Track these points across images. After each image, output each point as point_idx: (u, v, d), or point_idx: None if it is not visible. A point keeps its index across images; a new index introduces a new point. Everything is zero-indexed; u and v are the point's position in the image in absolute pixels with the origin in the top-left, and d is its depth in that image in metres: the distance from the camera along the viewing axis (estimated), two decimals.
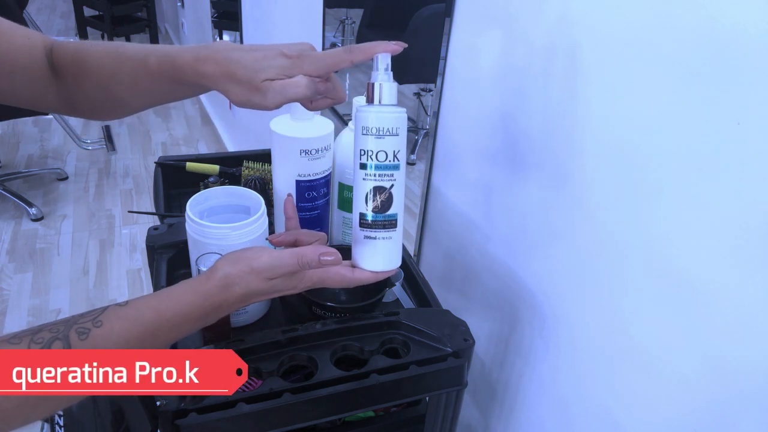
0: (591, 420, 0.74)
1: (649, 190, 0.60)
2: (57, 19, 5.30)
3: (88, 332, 0.45)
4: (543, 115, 0.75)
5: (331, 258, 0.55)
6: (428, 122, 1.06)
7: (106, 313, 0.47)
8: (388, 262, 0.57)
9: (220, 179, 1.08)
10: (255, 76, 0.50)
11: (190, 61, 0.53)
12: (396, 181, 0.55)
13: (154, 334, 0.48)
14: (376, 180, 0.54)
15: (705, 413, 0.57)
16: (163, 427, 0.58)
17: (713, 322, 0.55)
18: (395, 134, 0.53)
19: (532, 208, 0.80)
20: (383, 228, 0.55)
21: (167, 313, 0.49)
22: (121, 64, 0.57)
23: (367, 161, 0.53)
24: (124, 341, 0.47)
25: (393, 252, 0.57)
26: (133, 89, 0.58)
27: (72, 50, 0.58)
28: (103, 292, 2.12)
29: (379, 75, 0.53)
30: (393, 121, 0.53)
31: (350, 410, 0.68)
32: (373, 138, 0.52)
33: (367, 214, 0.55)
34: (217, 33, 2.99)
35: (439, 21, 0.93)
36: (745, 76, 0.48)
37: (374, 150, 0.53)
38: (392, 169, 0.54)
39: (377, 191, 0.54)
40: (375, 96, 0.53)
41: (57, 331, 0.44)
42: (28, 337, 0.43)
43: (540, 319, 0.81)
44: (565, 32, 0.68)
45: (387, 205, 0.54)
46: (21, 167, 2.92)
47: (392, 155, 0.53)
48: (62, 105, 0.61)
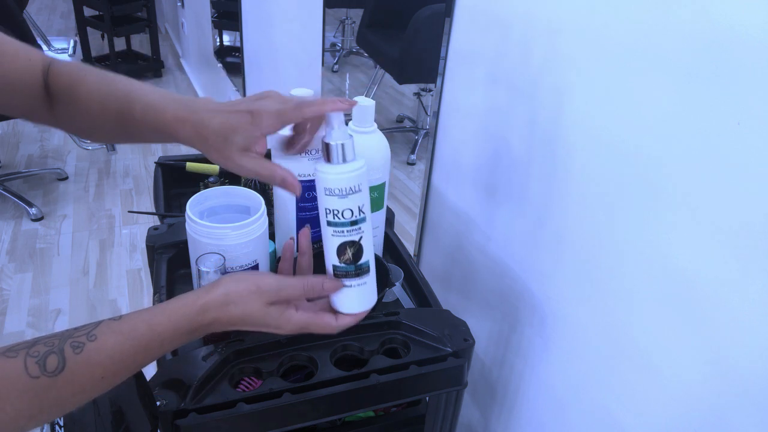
0: (591, 420, 0.74)
1: (649, 190, 0.60)
2: (57, 19, 5.30)
3: (82, 346, 0.46)
4: (543, 115, 0.75)
5: (333, 285, 0.57)
6: (428, 122, 1.06)
7: (100, 327, 0.48)
8: (365, 303, 0.60)
9: (220, 179, 1.08)
10: (224, 147, 0.54)
11: (171, 120, 0.56)
12: (364, 233, 0.57)
13: (147, 347, 0.50)
14: (346, 236, 0.56)
15: (705, 413, 0.57)
16: (163, 427, 0.58)
17: (713, 323, 0.55)
18: (358, 191, 0.55)
19: (532, 208, 0.80)
20: (357, 276, 0.58)
21: (159, 328, 0.50)
22: (109, 103, 0.59)
23: (334, 219, 0.55)
24: (118, 355, 0.48)
25: (368, 294, 0.60)
26: (119, 128, 0.60)
27: (66, 76, 0.60)
28: (103, 292, 2.12)
29: (334, 133, 0.54)
30: (354, 180, 0.54)
31: (350, 410, 0.68)
32: (337, 198, 0.54)
33: (340, 266, 0.57)
34: (217, 33, 2.99)
35: (439, 21, 0.93)
36: (745, 76, 0.48)
37: (340, 209, 0.55)
38: (360, 223, 0.56)
39: (348, 245, 0.56)
40: (333, 156, 0.54)
41: (52, 345, 0.45)
42: (24, 351, 0.44)
43: (540, 319, 0.81)
44: (565, 32, 0.68)
45: (358, 256, 0.57)
46: (21, 167, 2.92)
47: (357, 211, 0.55)
48: (54, 122, 0.63)
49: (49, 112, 0.62)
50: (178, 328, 0.51)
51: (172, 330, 0.51)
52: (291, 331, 0.56)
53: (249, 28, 2.27)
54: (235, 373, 0.64)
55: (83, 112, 0.60)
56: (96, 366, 0.46)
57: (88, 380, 0.46)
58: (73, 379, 0.45)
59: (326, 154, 0.55)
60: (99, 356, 0.46)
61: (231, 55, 2.95)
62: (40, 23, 3.94)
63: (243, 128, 0.54)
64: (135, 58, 4.12)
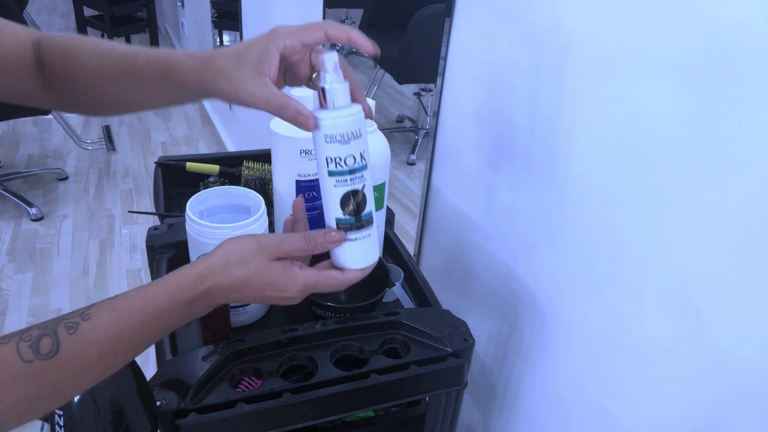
0: (591, 419, 0.74)
1: (649, 190, 0.60)
2: (57, 19, 5.30)
3: (76, 326, 0.44)
4: (543, 115, 0.75)
5: (336, 236, 0.55)
6: (428, 122, 1.06)
7: (94, 307, 0.46)
8: (371, 257, 0.58)
9: (220, 179, 1.08)
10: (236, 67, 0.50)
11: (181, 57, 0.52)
12: (366, 181, 0.55)
13: (144, 322, 0.47)
14: (349, 185, 0.54)
15: (705, 413, 0.57)
16: (163, 427, 0.58)
17: (713, 322, 0.55)
18: (359, 136, 0.53)
19: (532, 208, 0.80)
20: (361, 228, 0.55)
21: (154, 300, 0.48)
22: (110, 60, 0.56)
23: (337, 168, 0.53)
24: (113, 332, 0.45)
25: (372, 247, 0.58)
26: (120, 88, 0.57)
27: (61, 45, 0.58)
28: (103, 292, 2.12)
29: (329, 76, 0.52)
30: (355, 124, 0.52)
31: (350, 410, 0.68)
32: (338, 145, 0.52)
33: (343, 219, 0.55)
34: (217, 33, 2.99)
35: (439, 21, 0.93)
36: (745, 76, 0.48)
37: (342, 156, 0.52)
38: (362, 171, 0.54)
39: (351, 195, 0.54)
40: (329, 100, 0.52)
41: (45, 327, 0.44)
42: (17, 336, 0.43)
43: (540, 319, 0.81)
44: (565, 32, 0.68)
45: (362, 206, 0.55)
46: (21, 167, 2.92)
47: (360, 157, 0.53)
48: (51, 100, 0.61)
49: (43, 89, 0.59)
50: (175, 299, 0.48)
51: (169, 301, 0.48)
52: (297, 293, 0.53)
53: (249, 28, 2.27)
54: (235, 373, 0.64)
55: (82, 76, 0.57)
56: (92, 345, 0.45)
57: (85, 361, 0.44)
58: (69, 361, 0.43)
59: (323, 100, 0.52)
60: (94, 335, 0.45)
61: None
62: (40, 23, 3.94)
63: (258, 43, 0.51)
64: None
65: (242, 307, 0.77)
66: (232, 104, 0.53)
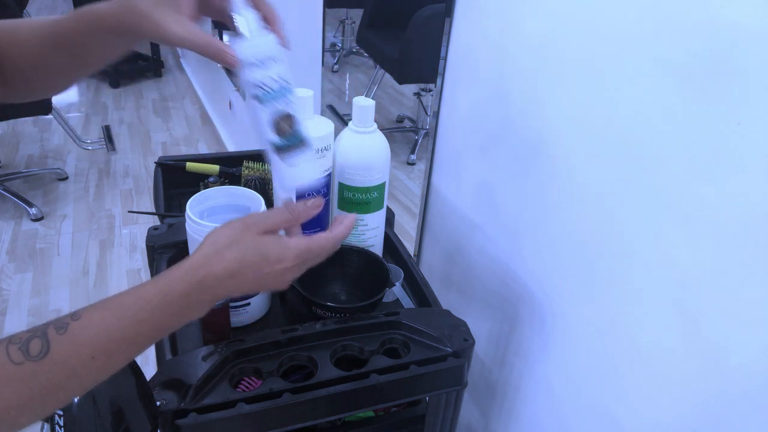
0: (591, 419, 0.74)
1: (649, 190, 0.60)
2: None
3: (66, 326, 0.44)
4: (543, 115, 0.75)
5: (315, 201, 0.56)
6: (428, 122, 1.06)
7: (86, 308, 0.46)
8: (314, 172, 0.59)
9: (220, 179, 1.08)
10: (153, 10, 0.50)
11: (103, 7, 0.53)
12: (294, 105, 0.55)
13: (135, 318, 0.46)
14: (276, 108, 0.54)
15: (705, 413, 0.57)
16: (163, 427, 0.58)
17: (713, 322, 0.55)
18: (281, 60, 0.54)
19: (533, 208, 0.80)
20: (298, 149, 0.56)
21: (146, 295, 0.47)
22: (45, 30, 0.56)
23: (260, 92, 0.53)
24: (104, 331, 0.45)
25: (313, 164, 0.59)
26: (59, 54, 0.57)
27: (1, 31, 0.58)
28: (103, 292, 2.12)
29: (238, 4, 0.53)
30: (274, 48, 0.54)
31: (350, 410, 0.68)
32: (256, 69, 0.53)
33: (279, 142, 0.55)
34: (217, 33, 2.99)
35: (439, 21, 0.93)
36: (745, 76, 0.48)
37: (262, 79, 0.53)
38: (286, 93, 0.54)
39: (281, 119, 0.55)
40: (243, 27, 0.53)
41: (35, 330, 0.43)
42: (6, 340, 0.42)
43: (540, 319, 0.81)
44: (564, 32, 0.68)
45: (294, 127, 0.55)
46: (21, 167, 2.92)
47: (280, 79, 0.54)
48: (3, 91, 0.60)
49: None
50: (166, 294, 0.47)
51: (161, 296, 0.47)
52: (294, 260, 0.53)
53: None
54: (235, 373, 0.64)
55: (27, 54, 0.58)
56: (83, 345, 0.44)
57: (78, 361, 0.43)
58: (60, 362, 0.42)
59: (236, 27, 0.53)
60: (85, 334, 0.44)
61: None
62: None
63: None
64: (135, 58, 4.12)
65: (242, 307, 0.77)
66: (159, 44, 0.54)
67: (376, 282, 0.80)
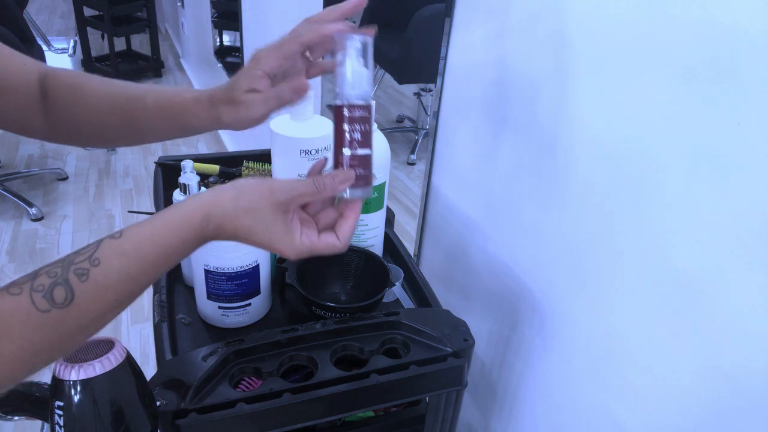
0: (591, 419, 0.74)
1: (649, 191, 0.60)
2: (57, 19, 5.30)
3: (87, 273, 0.45)
4: (542, 115, 0.75)
5: (343, 176, 0.56)
6: (428, 122, 1.06)
7: (101, 250, 0.46)
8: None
9: (220, 179, 1.08)
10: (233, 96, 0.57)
11: (188, 100, 0.59)
12: None
13: (155, 263, 0.49)
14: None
15: (705, 413, 0.57)
16: (163, 427, 0.58)
17: (713, 322, 0.55)
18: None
19: (532, 209, 0.80)
20: None
21: (164, 241, 0.49)
22: (118, 98, 0.61)
23: None
24: (126, 276, 0.47)
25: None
26: (123, 125, 0.61)
27: (67, 81, 0.61)
28: None
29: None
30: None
31: (350, 410, 0.68)
32: None
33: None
34: (217, 33, 2.99)
35: (439, 21, 0.93)
36: (745, 76, 0.48)
37: None
38: None
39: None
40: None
41: (55, 275, 0.44)
42: (28, 285, 0.43)
43: (540, 319, 0.81)
44: (564, 32, 0.69)
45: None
46: (21, 167, 2.92)
47: None
48: (48, 132, 0.64)
49: (43, 120, 0.62)
50: (185, 240, 0.50)
51: (179, 242, 0.49)
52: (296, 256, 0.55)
53: (249, 28, 2.27)
54: (235, 373, 0.64)
55: (89, 113, 0.61)
56: (106, 290, 0.46)
57: (102, 304, 0.45)
58: (86, 306, 0.44)
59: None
60: (108, 281, 0.45)
61: (231, 55, 2.95)
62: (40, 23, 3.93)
63: (245, 70, 0.57)
64: (135, 58, 4.12)
65: (243, 308, 0.77)
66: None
67: (376, 282, 0.80)
